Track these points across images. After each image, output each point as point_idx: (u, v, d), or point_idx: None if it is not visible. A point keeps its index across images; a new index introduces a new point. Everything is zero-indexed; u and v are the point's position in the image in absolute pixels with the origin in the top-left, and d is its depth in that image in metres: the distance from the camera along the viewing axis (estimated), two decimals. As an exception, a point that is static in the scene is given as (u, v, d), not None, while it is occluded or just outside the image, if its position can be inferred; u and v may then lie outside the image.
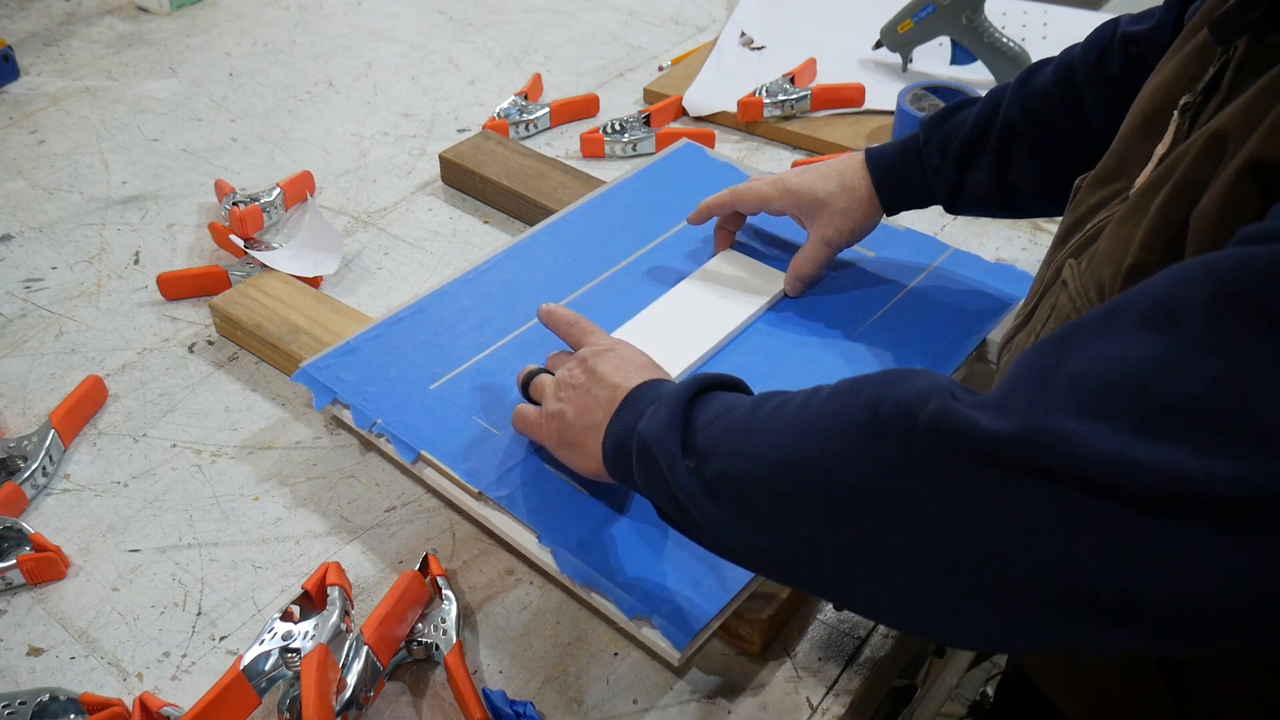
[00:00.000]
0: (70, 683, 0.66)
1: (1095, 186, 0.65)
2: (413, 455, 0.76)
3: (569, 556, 0.68)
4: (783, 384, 0.78)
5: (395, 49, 1.40)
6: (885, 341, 0.84)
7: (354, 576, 0.72)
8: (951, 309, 0.87)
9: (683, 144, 1.09)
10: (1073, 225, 0.65)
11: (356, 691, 0.62)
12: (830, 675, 0.66)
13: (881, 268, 0.92)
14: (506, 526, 0.71)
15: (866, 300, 0.89)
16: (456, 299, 0.89)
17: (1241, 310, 0.38)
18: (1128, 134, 0.63)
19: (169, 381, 0.88)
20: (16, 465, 0.78)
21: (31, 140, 1.20)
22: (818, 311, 0.87)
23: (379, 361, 0.82)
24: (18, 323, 0.95)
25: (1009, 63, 1.22)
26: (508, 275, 0.92)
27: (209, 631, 0.69)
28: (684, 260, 0.93)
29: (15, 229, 1.06)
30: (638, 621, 0.65)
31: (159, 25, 1.45)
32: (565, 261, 0.93)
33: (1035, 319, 0.65)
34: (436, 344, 0.84)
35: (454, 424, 0.77)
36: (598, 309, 0.87)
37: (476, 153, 1.11)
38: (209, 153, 1.19)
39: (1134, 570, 0.39)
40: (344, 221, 1.08)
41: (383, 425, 0.77)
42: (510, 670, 0.67)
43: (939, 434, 0.43)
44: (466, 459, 0.75)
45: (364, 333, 0.85)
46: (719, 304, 0.87)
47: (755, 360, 0.83)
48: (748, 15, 1.41)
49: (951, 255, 0.94)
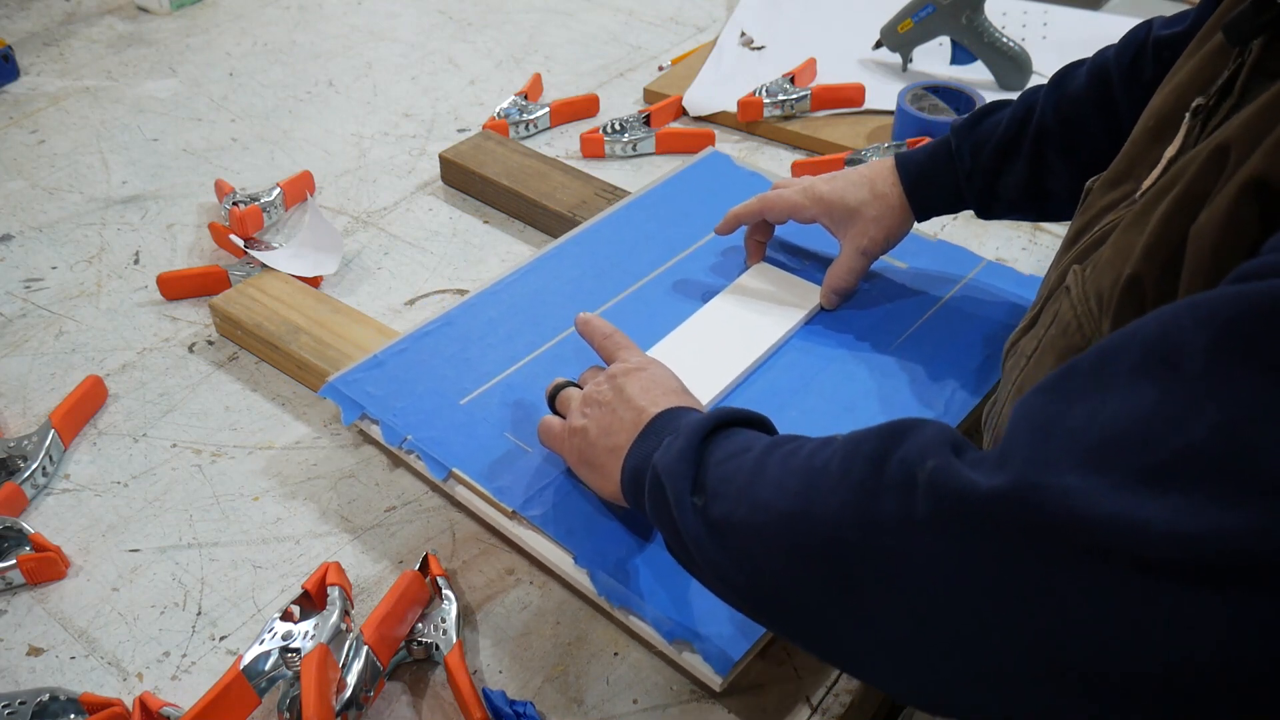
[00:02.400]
0: (70, 683, 0.66)
1: (1105, 189, 0.64)
2: (444, 473, 0.75)
3: (606, 578, 0.67)
4: (816, 401, 0.80)
5: (395, 49, 1.40)
6: (920, 357, 0.83)
7: (354, 576, 0.72)
8: (988, 323, 0.86)
9: (710, 153, 1.08)
10: (1081, 228, 0.64)
11: (356, 691, 0.62)
12: (830, 675, 0.66)
13: (914, 280, 0.91)
14: (541, 546, 0.70)
15: (900, 314, 0.87)
16: (484, 311, 0.88)
17: (1240, 353, 0.37)
18: (1139, 136, 0.63)
19: (169, 381, 0.88)
20: (16, 465, 0.78)
21: (31, 140, 1.20)
22: (851, 326, 0.86)
23: (407, 376, 0.81)
24: (18, 323, 0.95)
25: (1009, 63, 1.22)
26: (536, 287, 0.90)
27: (209, 631, 0.69)
28: (714, 273, 0.92)
29: (15, 229, 1.06)
30: (678, 645, 0.64)
31: (159, 25, 1.45)
32: (593, 274, 0.92)
33: (1039, 324, 0.65)
34: (465, 358, 0.83)
35: (485, 440, 0.76)
36: (628, 322, 0.85)
37: (477, 153, 1.11)
38: (209, 153, 1.19)
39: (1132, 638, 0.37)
40: (344, 221, 1.08)
41: (413, 442, 0.76)
42: (510, 670, 0.67)
43: (936, 492, 0.42)
44: (498, 477, 0.73)
45: (391, 346, 0.84)
46: (753, 321, 0.86)
47: (790, 377, 0.82)
48: (748, 15, 1.41)
49: (986, 267, 0.93)
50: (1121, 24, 1.33)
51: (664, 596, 0.65)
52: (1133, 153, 0.62)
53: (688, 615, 0.64)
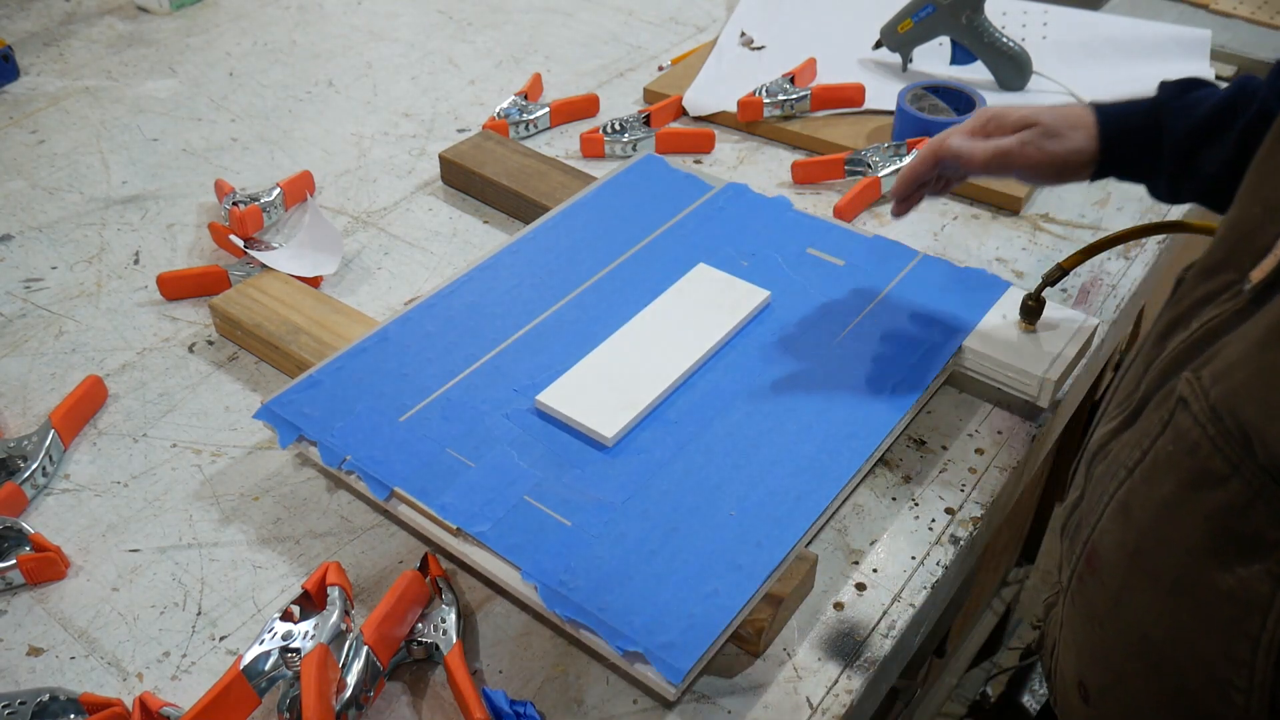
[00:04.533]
0: (70, 683, 0.66)
1: (1200, 278, 0.58)
2: (386, 492, 0.73)
3: (553, 593, 0.66)
4: (760, 402, 0.80)
5: (395, 49, 1.40)
6: (862, 354, 0.83)
7: (354, 576, 0.72)
8: (925, 316, 0.87)
9: (645, 157, 1.08)
10: (1174, 321, 0.59)
11: (356, 691, 0.62)
12: (830, 675, 0.66)
13: (853, 276, 0.91)
14: (487, 563, 0.69)
15: (840, 311, 0.87)
16: (421, 325, 0.86)
17: None
18: (1240, 218, 0.57)
19: (169, 381, 0.88)
20: (16, 465, 0.78)
21: (31, 140, 1.20)
22: (792, 325, 0.86)
23: (345, 394, 0.79)
24: (18, 323, 0.95)
25: (1009, 63, 1.22)
26: (472, 299, 0.89)
27: (209, 631, 0.69)
28: (653, 277, 0.91)
29: (15, 229, 1.06)
30: (630, 657, 0.63)
31: (159, 25, 1.45)
32: (530, 283, 0.91)
33: (1141, 430, 0.58)
34: (403, 374, 0.81)
35: (427, 457, 0.75)
36: (566, 330, 0.85)
37: (476, 152, 1.11)
38: (209, 153, 1.19)
39: None
40: (344, 221, 1.08)
41: (353, 462, 0.75)
42: (510, 670, 0.67)
43: None
44: (441, 494, 0.72)
45: (327, 364, 0.82)
46: (694, 323, 0.85)
47: (731, 378, 0.81)
48: (748, 15, 1.41)
49: (921, 261, 0.93)
50: (1121, 24, 1.34)
51: (613, 609, 0.65)
52: (1232, 238, 0.56)
53: (637, 627, 0.64)
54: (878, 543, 0.75)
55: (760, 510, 0.71)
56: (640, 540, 0.69)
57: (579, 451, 0.75)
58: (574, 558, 0.68)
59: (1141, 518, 0.57)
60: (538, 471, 0.74)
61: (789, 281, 0.91)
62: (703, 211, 0.99)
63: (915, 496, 0.78)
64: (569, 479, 0.73)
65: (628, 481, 0.73)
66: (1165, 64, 1.25)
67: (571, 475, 0.73)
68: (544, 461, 0.74)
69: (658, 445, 0.76)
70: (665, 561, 0.68)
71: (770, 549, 0.68)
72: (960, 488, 0.79)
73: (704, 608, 0.65)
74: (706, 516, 0.70)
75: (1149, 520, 0.56)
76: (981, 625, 1.53)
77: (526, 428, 0.77)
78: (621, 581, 0.66)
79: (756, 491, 0.72)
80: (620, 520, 0.70)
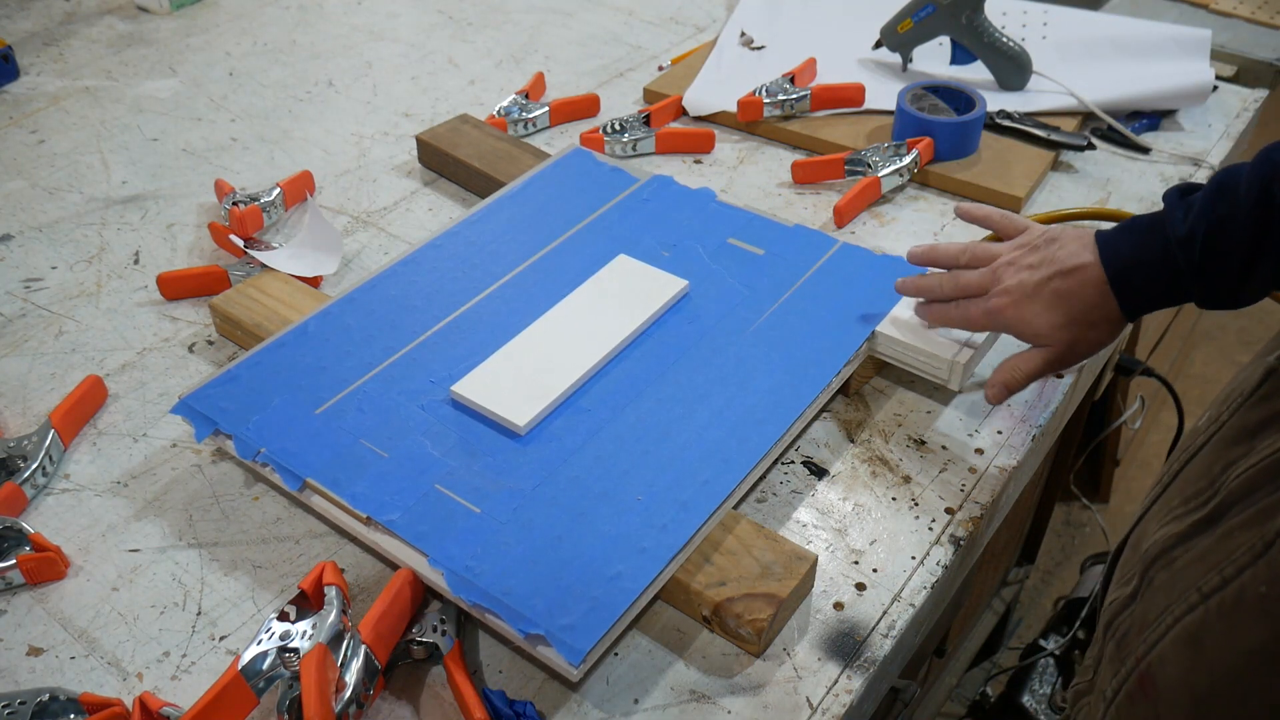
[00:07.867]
0: (70, 683, 0.66)
1: None
2: (298, 483, 0.73)
3: (459, 578, 0.67)
4: (673, 389, 0.80)
5: (395, 49, 1.40)
6: (777, 340, 0.84)
7: (354, 576, 0.72)
8: (841, 303, 0.87)
9: (573, 150, 1.08)
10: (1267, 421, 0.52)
11: (356, 691, 0.62)
12: (830, 675, 0.66)
13: (771, 264, 0.92)
14: (397, 550, 0.70)
15: (757, 299, 0.88)
16: (341, 319, 0.86)
17: None
18: None
19: (169, 381, 0.88)
20: (16, 465, 0.78)
21: (31, 140, 1.20)
22: (709, 314, 0.87)
23: (262, 388, 0.80)
24: (18, 323, 0.95)
25: (1009, 63, 1.22)
26: (393, 292, 0.89)
27: (209, 631, 0.69)
28: (574, 268, 0.92)
29: (15, 229, 1.06)
30: (532, 639, 0.64)
31: (159, 25, 1.45)
32: (453, 275, 0.91)
33: (1222, 551, 0.51)
34: (321, 367, 0.81)
35: (340, 448, 0.75)
36: (486, 322, 0.86)
37: (452, 135, 1.12)
38: (209, 153, 1.19)
39: None
40: (344, 221, 1.08)
41: (267, 454, 0.75)
42: (510, 670, 0.67)
43: None
44: (353, 484, 0.72)
45: (245, 359, 0.82)
46: (611, 312, 0.86)
47: (646, 366, 0.82)
48: (748, 15, 1.41)
49: (840, 249, 0.93)
50: (1122, 24, 1.33)
51: (517, 593, 0.65)
52: None
53: (540, 610, 0.64)
54: (878, 543, 0.75)
55: (667, 495, 0.71)
56: (547, 526, 0.70)
57: (491, 440, 0.76)
58: (482, 544, 0.69)
59: (1217, 661, 0.50)
60: (450, 460, 0.74)
61: (708, 271, 0.91)
62: (627, 204, 1.00)
63: (915, 496, 0.78)
64: (480, 467, 0.74)
65: (538, 469, 0.74)
66: (1165, 64, 1.25)
67: (483, 464, 0.74)
68: (457, 451, 0.75)
69: (569, 433, 0.76)
70: (571, 546, 0.68)
71: (675, 532, 0.69)
72: (960, 488, 0.79)
73: (606, 590, 0.65)
74: (614, 502, 0.71)
75: (1227, 669, 0.49)
76: (981, 625, 1.53)
77: (441, 418, 0.78)
78: (527, 566, 0.67)
79: (664, 477, 0.73)
80: (528, 507, 0.71)
